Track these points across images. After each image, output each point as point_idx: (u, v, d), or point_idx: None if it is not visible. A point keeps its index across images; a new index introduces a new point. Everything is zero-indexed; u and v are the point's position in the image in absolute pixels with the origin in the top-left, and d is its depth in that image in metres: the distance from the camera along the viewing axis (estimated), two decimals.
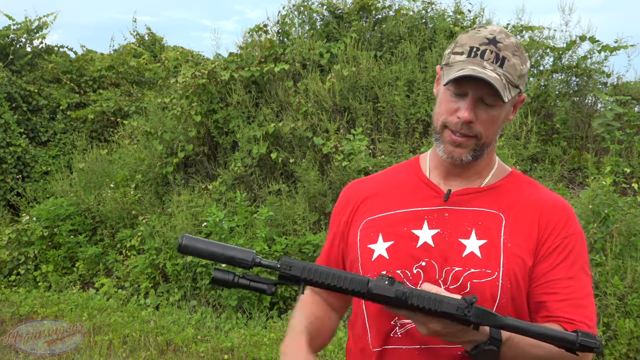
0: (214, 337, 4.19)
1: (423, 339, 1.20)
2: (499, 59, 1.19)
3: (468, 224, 1.25)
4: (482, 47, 1.20)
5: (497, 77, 1.17)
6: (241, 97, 5.72)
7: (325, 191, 5.07)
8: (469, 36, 1.23)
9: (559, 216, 1.25)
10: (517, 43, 1.23)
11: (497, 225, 1.24)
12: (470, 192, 1.30)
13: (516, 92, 1.22)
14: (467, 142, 1.23)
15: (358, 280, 1.11)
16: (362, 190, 1.41)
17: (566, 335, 1.09)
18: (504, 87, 1.17)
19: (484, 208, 1.27)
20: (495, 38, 1.21)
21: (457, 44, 1.25)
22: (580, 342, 1.07)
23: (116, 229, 5.75)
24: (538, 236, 1.23)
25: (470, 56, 1.20)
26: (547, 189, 1.36)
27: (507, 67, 1.19)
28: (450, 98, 1.23)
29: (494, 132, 1.25)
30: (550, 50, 5.74)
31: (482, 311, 1.07)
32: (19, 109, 7.66)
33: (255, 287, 1.13)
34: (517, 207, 1.27)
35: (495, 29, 1.23)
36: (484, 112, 1.21)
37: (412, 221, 1.28)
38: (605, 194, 3.89)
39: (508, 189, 1.31)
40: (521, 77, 1.22)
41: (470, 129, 1.21)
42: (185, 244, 1.12)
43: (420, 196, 1.32)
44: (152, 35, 10.16)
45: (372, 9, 6.32)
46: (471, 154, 1.24)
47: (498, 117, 1.23)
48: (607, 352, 3.44)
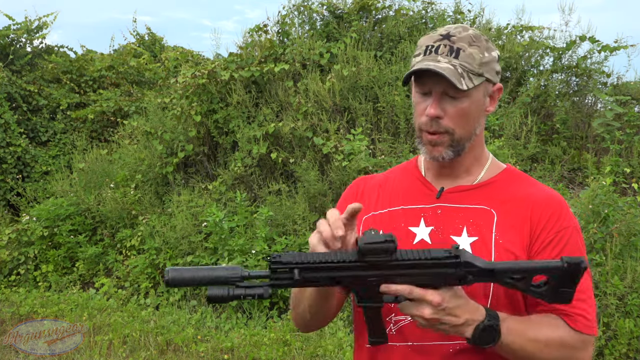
0: (214, 337, 4.19)
1: (415, 337, 1.22)
2: (454, 51, 1.21)
3: (460, 222, 1.27)
4: (436, 44, 1.22)
5: (450, 68, 1.18)
6: (241, 97, 5.72)
7: (325, 191, 5.07)
8: (427, 37, 1.27)
9: (551, 210, 1.25)
10: (475, 34, 1.24)
11: (488, 221, 1.25)
12: (463, 190, 1.31)
13: (480, 80, 1.22)
14: (441, 139, 1.24)
15: (349, 251, 1.12)
16: (367, 186, 1.44)
17: (550, 263, 1.12)
18: (460, 75, 1.18)
19: (476, 205, 1.28)
20: (449, 33, 1.23)
21: (417, 48, 1.28)
22: (567, 262, 1.09)
23: (116, 229, 5.75)
24: (531, 231, 1.23)
25: (425, 54, 1.23)
26: (541, 183, 1.36)
27: (463, 57, 1.20)
28: (419, 99, 1.26)
29: (469, 124, 1.25)
30: (550, 50, 5.74)
31: (469, 255, 1.11)
32: (19, 109, 7.66)
33: (251, 293, 1.11)
34: (510, 203, 1.27)
35: (452, 26, 1.26)
36: (451, 105, 1.22)
37: (410, 218, 1.31)
38: (605, 194, 3.89)
39: (501, 185, 1.32)
40: (483, 64, 1.22)
41: (439, 125, 1.23)
42: (171, 277, 1.09)
43: (416, 194, 1.35)
44: (152, 35, 10.16)
45: (372, 9, 6.33)
46: (450, 150, 1.25)
47: (467, 109, 1.23)
48: (607, 352, 3.44)
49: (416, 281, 1.11)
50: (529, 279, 1.13)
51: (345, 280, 1.12)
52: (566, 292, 1.13)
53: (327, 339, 3.97)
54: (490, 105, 1.29)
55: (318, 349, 3.88)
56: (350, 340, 3.91)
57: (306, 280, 1.11)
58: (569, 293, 1.13)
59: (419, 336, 1.22)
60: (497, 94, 1.30)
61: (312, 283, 1.13)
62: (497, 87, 1.29)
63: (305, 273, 1.11)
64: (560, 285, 1.12)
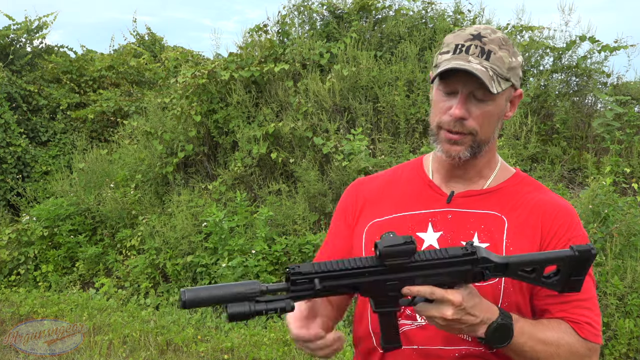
0: (214, 337, 4.19)
1: (420, 341, 1.21)
2: (485, 52, 1.19)
3: (471, 227, 1.25)
4: (467, 43, 1.20)
5: (482, 69, 1.17)
6: (241, 97, 5.71)
7: (325, 191, 5.07)
8: (454, 35, 1.24)
9: (562, 220, 1.25)
10: (504, 37, 1.22)
11: (499, 228, 1.24)
12: (473, 194, 1.29)
13: (507, 84, 1.21)
14: (463, 139, 1.23)
15: (368, 258, 1.12)
16: (366, 191, 1.40)
17: (561, 252, 1.13)
18: (491, 78, 1.17)
19: (487, 210, 1.27)
20: (480, 33, 1.21)
21: (443, 45, 1.26)
22: (578, 249, 1.11)
23: (116, 229, 5.75)
24: (541, 240, 1.23)
25: (455, 53, 1.20)
26: (551, 191, 1.34)
27: (493, 59, 1.19)
28: (442, 98, 1.23)
29: (490, 128, 1.24)
30: (550, 50, 5.74)
31: (484, 250, 1.12)
32: (19, 109, 7.66)
33: (274, 307, 1.08)
34: (520, 210, 1.26)
35: (481, 26, 1.24)
36: (476, 107, 1.20)
37: (417, 224, 1.28)
38: (605, 194, 3.89)
39: (511, 191, 1.30)
40: (511, 69, 1.21)
41: (464, 126, 1.21)
42: (188, 298, 1.04)
43: (424, 198, 1.32)
44: (152, 35, 10.16)
45: (372, 9, 6.32)
46: (469, 151, 1.24)
47: (492, 112, 1.22)
48: (607, 352, 3.44)
49: (435, 281, 1.11)
50: (540, 270, 1.13)
51: (364, 286, 1.11)
52: (577, 280, 1.14)
53: None
54: (510, 110, 1.28)
55: None
56: (350, 340, 3.91)
57: (327, 290, 1.10)
58: (579, 281, 1.14)
59: (424, 340, 1.21)
60: (517, 99, 1.28)
61: (332, 292, 1.11)
62: (518, 93, 1.27)
63: (326, 282, 1.09)
64: (571, 274, 1.13)
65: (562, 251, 1.13)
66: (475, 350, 1.19)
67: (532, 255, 1.14)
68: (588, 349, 1.19)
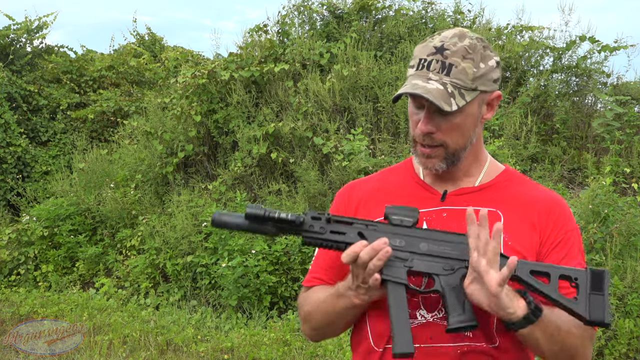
0: (214, 337, 4.19)
1: (424, 339, 1.21)
2: (445, 67, 1.19)
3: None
4: (429, 58, 1.21)
5: (438, 88, 1.17)
6: (241, 97, 5.72)
7: (325, 191, 5.07)
8: (421, 47, 1.25)
9: (557, 214, 1.27)
10: (471, 45, 1.21)
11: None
12: (467, 192, 1.31)
13: (474, 94, 1.21)
14: (435, 152, 1.25)
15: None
16: (359, 194, 1.40)
17: (573, 269, 1.17)
18: (449, 95, 1.17)
19: (482, 206, 1.27)
20: (443, 45, 1.21)
21: (413, 56, 1.27)
22: (591, 270, 1.14)
23: (116, 229, 5.75)
24: (540, 235, 1.25)
25: (417, 69, 1.22)
26: (540, 185, 1.37)
27: (455, 73, 1.19)
28: (414, 111, 1.26)
29: (462, 137, 1.25)
30: (550, 50, 5.74)
31: None
32: (19, 109, 7.66)
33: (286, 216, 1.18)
34: (515, 205, 1.28)
35: (448, 35, 1.23)
36: (443, 121, 1.21)
37: None
38: (605, 194, 3.89)
39: (503, 187, 1.32)
40: (478, 78, 1.20)
41: (433, 140, 1.23)
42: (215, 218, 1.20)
43: (417, 198, 1.32)
44: (152, 35, 10.16)
45: (372, 9, 6.32)
46: (444, 162, 1.26)
47: (461, 123, 1.22)
48: (607, 352, 3.44)
49: (440, 252, 1.18)
50: (554, 283, 1.15)
51: (372, 236, 1.17)
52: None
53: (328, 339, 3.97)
54: (487, 112, 1.28)
55: (318, 349, 3.88)
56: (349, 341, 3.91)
57: (335, 232, 1.19)
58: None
59: (428, 338, 1.21)
60: (495, 101, 1.28)
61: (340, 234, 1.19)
62: (495, 95, 1.27)
63: (335, 225, 1.20)
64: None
65: (573, 269, 1.16)
66: (477, 347, 1.20)
67: (542, 264, 1.18)
68: (590, 336, 1.22)
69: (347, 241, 1.17)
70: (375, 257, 1.13)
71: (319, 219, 1.19)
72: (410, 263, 1.17)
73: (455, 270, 1.17)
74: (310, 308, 1.35)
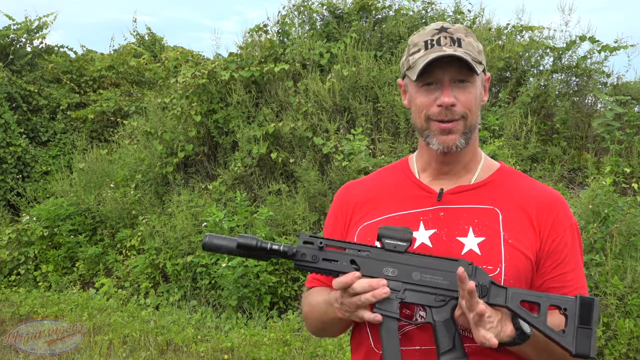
0: (214, 337, 4.19)
1: (423, 341, 1.21)
2: (455, 41, 1.22)
3: (464, 222, 1.26)
4: (435, 37, 1.24)
5: (462, 54, 1.20)
6: (241, 97, 5.71)
7: (325, 191, 5.07)
8: (418, 35, 1.28)
9: (557, 211, 1.28)
10: (464, 27, 1.27)
11: (494, 221, 1.25)
12: (463, 190, 1.31)
13: (481, 67, 1.25)
14: (457, 126, 1.25)
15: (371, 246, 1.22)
16: (355, 195, 1.40)
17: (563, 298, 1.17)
18: (472, 60, 1.21)
19: (479, 205, 1.28)
20: (443, 26, 1.25)
21: (410, 47, 1.28)
22: (581, 300, 1.14)
23: (116, 229, 5.75)
24: (539, 234, 1.25)
25: (427, 48, 1.23)
26: (536, 181, 1.37)
27: (465, 45, 1.23)
28: (423, 93, 1.25)
29: (476, 111, 1.27)
30: (550, 50, 5.73)
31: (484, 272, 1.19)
32: (19, 109, 7.66)
33: (277, 248, 1.20)
34: (513, 203, 1.28)
35: (439, 22, 1.28)
36: (461, 92, 1.23)
37: (408, 223, 1.28)
38: (605, 194, 3.88)
39: (500, 184, 1.32)
40: (480, 53, 1.26)
41: (454, 113, 1.23)
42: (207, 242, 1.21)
43: (413, 198, 1.32)
44: (152, 35, 10.16)
45: (372, 9, 6.32)
46: (463, 138, 1.26)
47: (475, 95, 1.25)
48: (607, 352, 3.44)
49: (431, 281, 1.16)
50: (544, 313, 1.15)
51: (363, 263, 1.17)
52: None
53: (327, 339, 3.97)
54: (485, 94, 1.32)
55: (318, 349, 3.88)
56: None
57: (327, 259, 1.18)
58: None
59: (426, 341, 1.21)
60: (487, 83, 1.32)
61: (332, 261, 1.18)
62: (488, 77, 1.32)
63: (328, 253, 1.18)
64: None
65: (566, 297, 1.17)
66: (476, 348, 1.20)
67: (533, 292, 1.18)
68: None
69: (340, 270, 1.17)
70: (370, 293, 1.13)
71: (311, 244, 1.19)
72: (402, 294, 1.17)
73: (447, 302, 1.17)
74: (307, 309, 1.37)
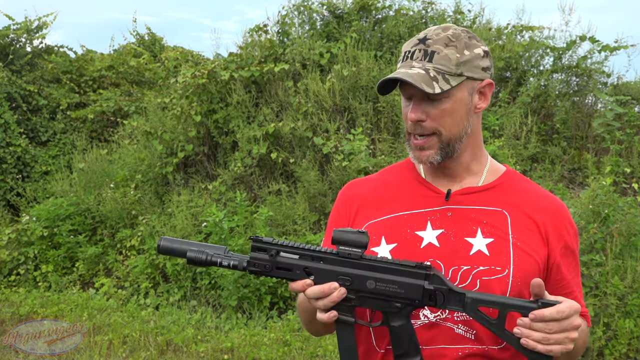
0: (214, 337, 4.19)
1: (423, 341, 1.21)
2: (427, 55, 1.21)
3: (473, 223, 1.26)
4: (412, 49, 1.24)
5: (420, 73, 1.19)
6: (241, 97, 5.71)
7: (325, 191, 5.07)
8: (407, 42, 1.28)
9: (561, 219, 1.30)
10: (454, 34, 1.23)
11: (503, 223, 1.25)
12: (471, 192, 1.30)
13: (459, 79, 1.21)
14: (429, 142, 1.24)
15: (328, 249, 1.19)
16: (360, 193, 1.40)
17: (526, 302, 1.13)
18: (431, 79, 1.19)
19: (487, 206, 1.28)
20: (426, 36, 1.24)
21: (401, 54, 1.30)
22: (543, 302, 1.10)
23: (116, 229, 5.75)
24: (547, 243, 1.26)
25: (403, 61, 1.25)
26: (540, 187, 1.37)
27: (437, 59, 1.21)
28: (404, 104, 1.27)
29: (455, 124, 1.24)
30: (550, 50, 5.73)
31: (441, 273, 1.17)
32: (19, 109, 7.66)
33: (228, 262, 1.19)
34: (520, 207, 1.28)
35: (432, 28, 1.26)
36: (432, 107, 1.22)
37: (415, 223, 1.28)
38: (605, 194, 3.88)
39: (508, 187, 1.32)
40: (462, 64, 1.21)
41: (424, 128, 1.23)
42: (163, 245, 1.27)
43: (420, 197, 1.32)
44: (152, 35, 10.16)
45: (372, 9, 6.32)
46: (438, 154, 1.25)
47: (451, 109, 1.22)
48: (607, 352, 3.44)
49: (386, 289, 1.14)
50: (502, 318, 1.12)
51: (317, 272, 1.15)
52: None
53: (327, 339, 3.97)
54: (481, 102, 1.27)
55: (318, 349, 3.88)
56: None
57: (281, 267, 1.16)
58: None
59: (427, 341, 1.21)
60: (487, 89, 1.27)
61: (286, 270, 1.17)
62: (485, 83, 1.26)
63: (283, 257, 1.16)
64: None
65: (527, 301, 1.12)
66: (478, 349, 1.20)
67: (493, 295, 1.14)
68: (586, 331, 1.28)
69: (293, 278, 1.16)
70: (327, 299, 1.13)
71: (264, 251, 1.17)
72: (357, 302, 1.16)
73: (402, 308, 1.16)
74: (298, 304, 1.39)
